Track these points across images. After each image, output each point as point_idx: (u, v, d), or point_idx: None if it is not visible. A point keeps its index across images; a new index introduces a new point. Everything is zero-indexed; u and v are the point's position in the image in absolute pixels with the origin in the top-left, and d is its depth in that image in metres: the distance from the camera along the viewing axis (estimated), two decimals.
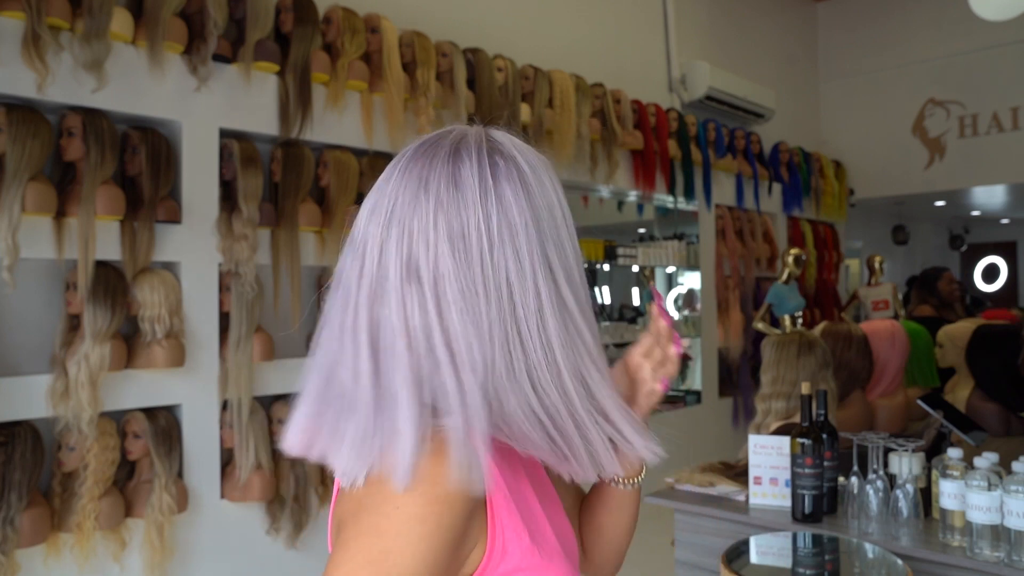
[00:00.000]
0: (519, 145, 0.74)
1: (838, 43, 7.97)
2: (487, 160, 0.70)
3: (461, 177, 0.69)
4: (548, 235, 0.70)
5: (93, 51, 2.55)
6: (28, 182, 2.43)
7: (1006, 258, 11.24)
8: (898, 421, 2.98)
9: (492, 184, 0.68)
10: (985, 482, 1.64)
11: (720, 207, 5.86)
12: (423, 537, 0.63)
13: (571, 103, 4.46)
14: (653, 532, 4.33)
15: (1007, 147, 6.91)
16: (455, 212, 0.67)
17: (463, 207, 0.68)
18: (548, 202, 0.71)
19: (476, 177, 0.69)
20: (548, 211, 0.71)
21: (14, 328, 2.59)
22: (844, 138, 7.80)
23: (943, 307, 5.17)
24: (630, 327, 5.36)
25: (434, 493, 0.64)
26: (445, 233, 0.67)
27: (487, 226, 0.67)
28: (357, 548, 0.63)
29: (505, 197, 0.69)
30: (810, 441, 1.89)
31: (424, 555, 0.63)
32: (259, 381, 3.01)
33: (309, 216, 3.20)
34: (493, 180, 0.69)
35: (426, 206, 0.68)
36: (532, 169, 0.71)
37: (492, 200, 0.68)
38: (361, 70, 3.43)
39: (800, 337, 2.41)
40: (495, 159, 0.70)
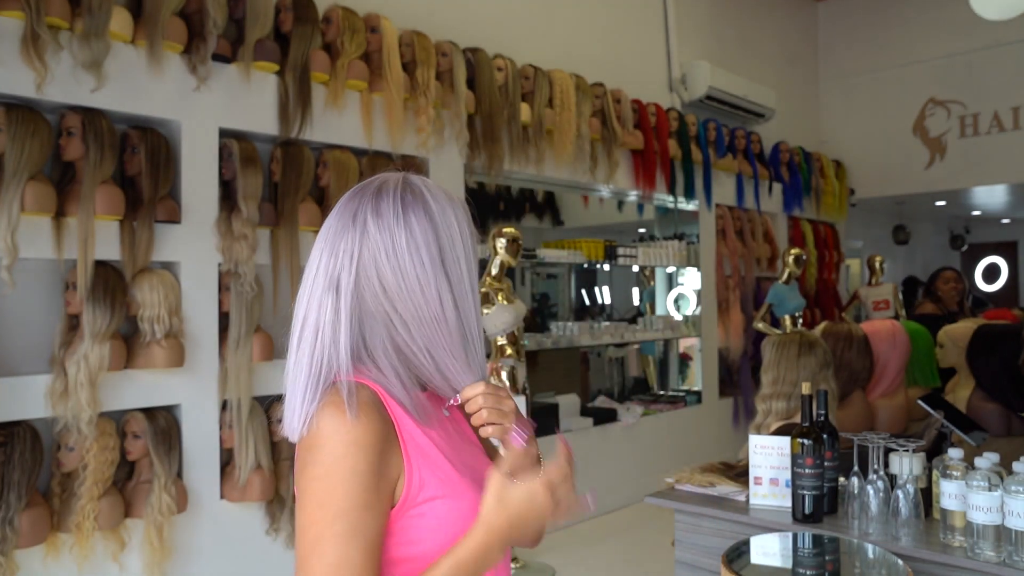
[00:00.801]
0: (430, 185, 0.97)
1: (838, 43, 7.97)
2: (400, 197, 0.94)
3: (380, 209, 0.93)
4: (447, 251, 0.94)
5: (92, 51, 2.55)
6: (27, 182, 2.43)
7: (1007, 258, 11.23)
8: (899, 421, 2.97)
9: (403, 213, 0.92)
10: (986, 482, 1.64)
11: (720, 207, 5.85)
12: (350, 471, 0.84)
13: (571, 103, 4.46)
14: (653, 532, 4.34)
15: (1008, 147, 6.91)
16: (375, 233, 0.92)
17: (382, 229, 0.92)
18: (448, 228, 0.94)
19: (391, 209, 0.93)
20: (448, 234, 0.94)
21: (13, 328, 2.59)
22: (844, 138, 7.80)
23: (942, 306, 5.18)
24: (630, 327, 5.36)
25: (346, 437, 0.85)
26: (366, 250, 0.92)
27: (397, 242, 0.92)
28: (307, 496, 0.84)
29: (412, 223, 0.92)
30: (810, 441, 1.89)
31: (355, 485, 0.84)
32: (259, 381, 3.01)
33: (309, 216, 3.19)
34: (403, 211, 0.93)
35: (352, 233, 0.93)
36: (437, 203, 0.95)
37: (403, 224, 0.92)
38: (361, 70, 3.43)
39: (801, 337, 2.41)
40: (407, 196, 0.94)
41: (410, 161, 3.65)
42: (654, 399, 5.66)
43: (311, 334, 0.92)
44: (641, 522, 4.50)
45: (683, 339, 5.96)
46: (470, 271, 0.96)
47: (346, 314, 0.91)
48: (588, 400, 5.35)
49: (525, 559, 3.81)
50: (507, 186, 4.86)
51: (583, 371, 5.69)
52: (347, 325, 0.92)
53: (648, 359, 6.24)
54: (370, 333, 0.93)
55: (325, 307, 0.92)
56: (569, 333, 4.84)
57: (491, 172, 4.03)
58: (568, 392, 4.94)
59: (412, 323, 0.92)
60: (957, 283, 5.26)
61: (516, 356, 3.62)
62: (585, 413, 4.92)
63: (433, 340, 0.92)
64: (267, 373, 3.05)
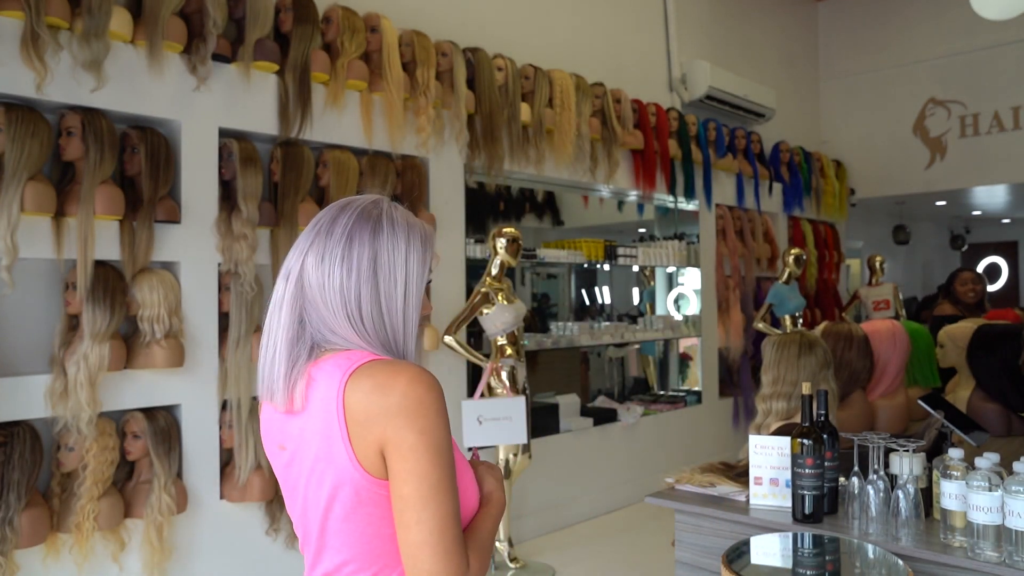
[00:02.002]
0: (404, 212, 1.13)
1: (838, 43, 7.96)
2: (375, 218, 1.09)
3: (352, 229, 1.08)
4: (380, 265, 1.08)
5: (92, 50, 2.55)
6: (27, 182, 2.43)
7: (1007, 258, 11.23)
8: (899, 421, 2.97)
9: (348, 231, 1.07)
10: (986, 482, 1.64)
11: (720, 207, 5.85)
12: (447, 427, 1.01)
13: (571, 102, 4.46)
14: (653, 532, 4.34)
15: (1008, 147, 6.90)
16: (358, 245, 1.06)
17: (358, 243, 1.06)
18: (392, 248, 1.08)
19: (342, 226, 1.08)
20: (388, 252, 1.08)
21: (13, 328, 2.59)
22: (844, 138, 7.80)
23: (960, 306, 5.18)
24: (630, 327, 5.36)
25: (440, 396, 1.01)
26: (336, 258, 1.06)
27: (370, 255, 1.07)
28: (421, 447, 0.98)
29: (353, 239, 1.07)
30: (811, 441, 1.89)
31: (449, 441, 1.01)
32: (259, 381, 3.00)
33: (309, 216, 3.19)
34: (350, 230, 1.07)
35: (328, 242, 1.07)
36: (408, 226, 1.10)
37: (345, 239, 1.07)
38: (361, 70, 3.42)
39: (801, 337, 2.40)
40: (381, 219, 1.09)
41: (410, 161, 3.65)
42: (654, 399, 5.66)
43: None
44: (641, 522, 4.50)
45: (683, 339, 5.96)
46: (407, 283, 1.09)
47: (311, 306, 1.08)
48: (588, 400, 5.35)
49: (525, 559, 3.81)
50: (507, 186, 4.85)
51: (583, 371, 5.68)
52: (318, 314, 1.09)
53: (648, 359, 6.24)
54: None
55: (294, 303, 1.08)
56: (569, 333, 4.84)
57: (491, 172, 4.03)
58: (568, 392, 4.94)
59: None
60: (975, 284, 5.24)
61: (516, 356, 3.62)
62: (585, 413, 4.92)
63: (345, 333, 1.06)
64: None
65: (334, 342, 1.06)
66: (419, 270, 1.10)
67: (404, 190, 3.59)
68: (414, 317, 1.10)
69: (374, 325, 1.06)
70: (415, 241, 1.10)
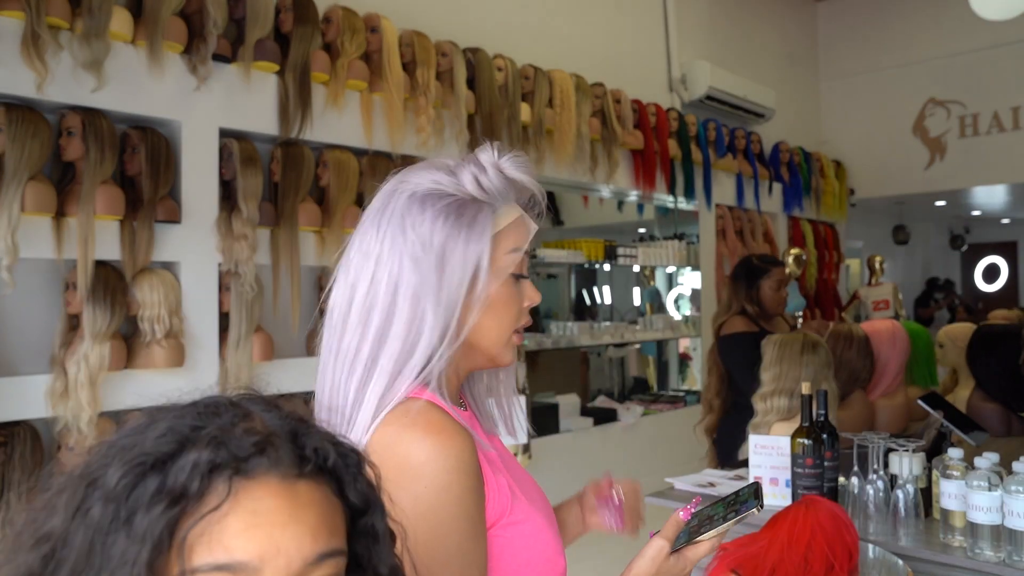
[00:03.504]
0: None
1: (838, 43, 7.96)
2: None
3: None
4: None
5: (92, 51, 2.55)
6: (27, 182, 2.43)
7: (1007, 258, 11.23)
8: (899, 421, 2.97)
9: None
10: (986, 482, 1.64)
11: (720, 207, 5.85)
12: (457, 500, 0.77)
13: (571, 103, 4.46)
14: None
15: (1008, 147, 6.90)
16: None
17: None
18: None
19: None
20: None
21: (13, 328, 2.59)
22: (844, 138, 7.80)
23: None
24: (630, 327, 5.36)
25: (448, 463, 0.78)
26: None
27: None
28: (414, 533, 0.72)
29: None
30: (810, 441, 1.89)
31: (464, 516, 0.77)
32: (259, 381, 3.00)
33: (309, 216, 3.19)
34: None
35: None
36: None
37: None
38: (361, 70, 3.42)
39: (804, 337, 2.41)
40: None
41: (410, 161, 3.65)
42: (654, 399, 5.66)
43: (388, 337, 0.86)
44: None
45: (683, 339, 5.96)
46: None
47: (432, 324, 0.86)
48: (588, 400, 5.35)
49: None
50: None
51: (583, 371, 5.69)
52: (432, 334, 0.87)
53: (648, 359, 6.24)
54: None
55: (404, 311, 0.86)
56: (569, 333, 4.84)
57: None
58: (568, 392, 4.94)
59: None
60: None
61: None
62: (585, 413, 4.92)
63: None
64: (267, 373, 3.04)
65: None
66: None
67: None
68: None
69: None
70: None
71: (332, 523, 0.55)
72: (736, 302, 3.16)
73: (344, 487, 0.58)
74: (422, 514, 0.75)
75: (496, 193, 0.89)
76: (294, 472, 0.54)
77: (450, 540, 0.76)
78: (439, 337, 0.85)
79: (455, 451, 0.78)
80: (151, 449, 0.52)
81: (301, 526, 0.52)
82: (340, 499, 0.58)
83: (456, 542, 0.77)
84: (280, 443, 0.55)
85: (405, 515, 0.71)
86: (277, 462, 0.53)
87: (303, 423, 0.58)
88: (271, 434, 0.55)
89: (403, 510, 0.72)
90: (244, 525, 0.51)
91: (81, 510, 0.51)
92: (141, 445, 0.53)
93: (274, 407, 0.59)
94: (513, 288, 0.92)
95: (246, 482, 0.52)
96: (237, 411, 0.56)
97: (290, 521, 0.52)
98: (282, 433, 0.56)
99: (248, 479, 0.52)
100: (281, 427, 0.56)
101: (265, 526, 0.51)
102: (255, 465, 0.52)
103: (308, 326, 3.35)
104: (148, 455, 0.52)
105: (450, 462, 0.78)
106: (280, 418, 0.58)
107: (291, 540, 0.52)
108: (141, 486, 0.50)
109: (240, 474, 0.52)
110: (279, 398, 0.64)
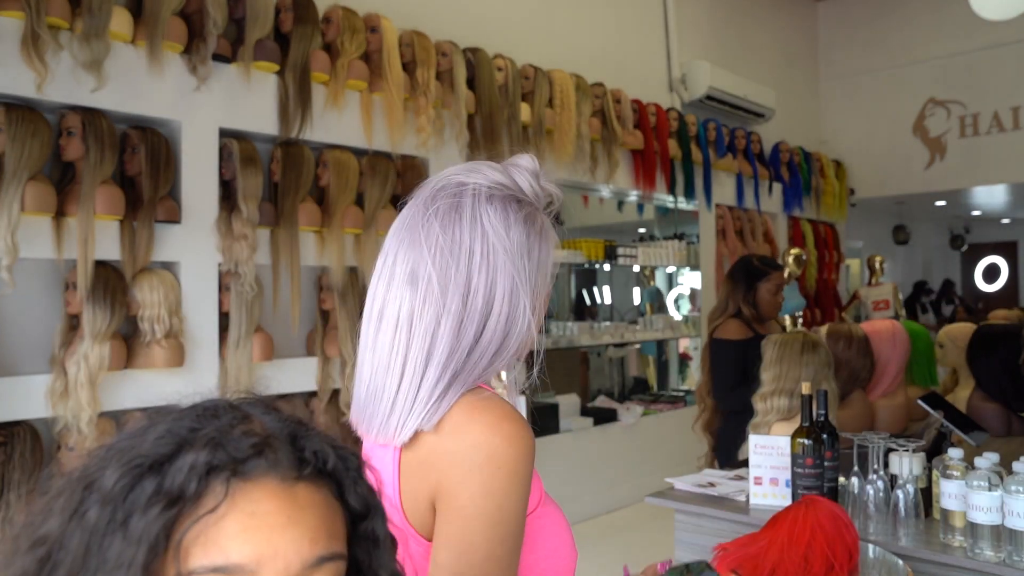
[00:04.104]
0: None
1: (838, 43, 7.96)
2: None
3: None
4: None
5: (92, 51, 2.55)
6: (27, 182, 2.43)
7: (1007, 258, 11.23)
8: (899, 421, 2.97)
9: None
10: (986, 482, 1.64)
11: (720, 207, 5.85)
12: (522, 487, 0.83)
13: (571, 103, 4.46)
14: (653, 532, 4.33)
15: (1008, 147, 6.90)
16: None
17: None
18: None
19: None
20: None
21: (13, 328, 2.59)
22: (844, 138, 7.80)
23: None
24: (630, 327, 5.36)
25: (521, 452, 0.83)
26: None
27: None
28: (477, 513, 0.80)
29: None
30: (810, 441, 1.89)
31: (522, 502, 0.83)
32: (259, 381, 3.01)
33: (309, 216, 3.19)
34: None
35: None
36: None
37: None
38: (361, 70, 3.42)
39: (804, 336, 2.41)
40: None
41: (410, 161, 3.65)
42: (654, 399, 5.66)
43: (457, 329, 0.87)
44: (641, 522, 4.49)
45: (683, 339, 5.96)
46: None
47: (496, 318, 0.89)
48: (588, 400, 5.35)
49: None
50: None
51: (583, 371, 5.69)
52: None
53: (648, 359, 6.24)
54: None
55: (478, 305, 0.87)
56: (569, 333, 4.84)
57: None
58: (568, 392, 4.94)
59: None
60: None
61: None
62: (585, 413, 4.92)
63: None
64: (267, 373, 3.04)
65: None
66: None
67: (404, 190, 3.59)
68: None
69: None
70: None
71: (331, 526, 0.55)
72: (732, 302, 3.13)
73: (344, 491, 0.57)
74: (493, 494, 0.81)
75: (541, 200, 0.95)
76: (293, 474, 0.53)
77: (512, 521, 0.82)
78: (535, 326, 0.90)
79: (526, 440, 0.84)
80: (148, 451, 0.52)
81: (299, 529, 0.52)
82: (340, 503, 0.57)
83: (515, 526, 0.82)
84: (279, 445, 0.54)
85: (474, 495, 0.80)
86: (275, 464, 0.53)
87: (302, 426, 0.58)
88: (270, 436, 0.54)
89: (472, 489, 0.80)
90: (241, 527, 0.50)
91: (78, 512, 0.51)
92: (139, 447, 0.52)
93: (273, 410, 0.58)
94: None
95: (244, 484, 0.51)
96: (236, 413, 0.56)
97: (288, 524, 0.52)
98: (281, 435, 0.55)
99: (246, 481, 0.52)
100: (280, 429, 0.56)
101: (263, 528, 0.51)
102: (253, 467, 0.52)
103: (308, 326, 3.35)
104: (145, 457, 0.51)
105: (521, 450, 0.83)
106: (279, 420, 0.57)
107: (289, 543, 0.51)
108: (138, 488, 0.50)
109: (238, 476, 0.51)
110: (279, 398, 0.64)
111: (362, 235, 3.38)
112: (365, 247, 3.36)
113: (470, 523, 0.80)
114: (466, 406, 0.85)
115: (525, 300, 0.88)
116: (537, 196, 0.93)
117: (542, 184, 0.95)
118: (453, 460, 0.82)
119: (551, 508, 0.94)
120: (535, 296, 0.90)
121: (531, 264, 0.90)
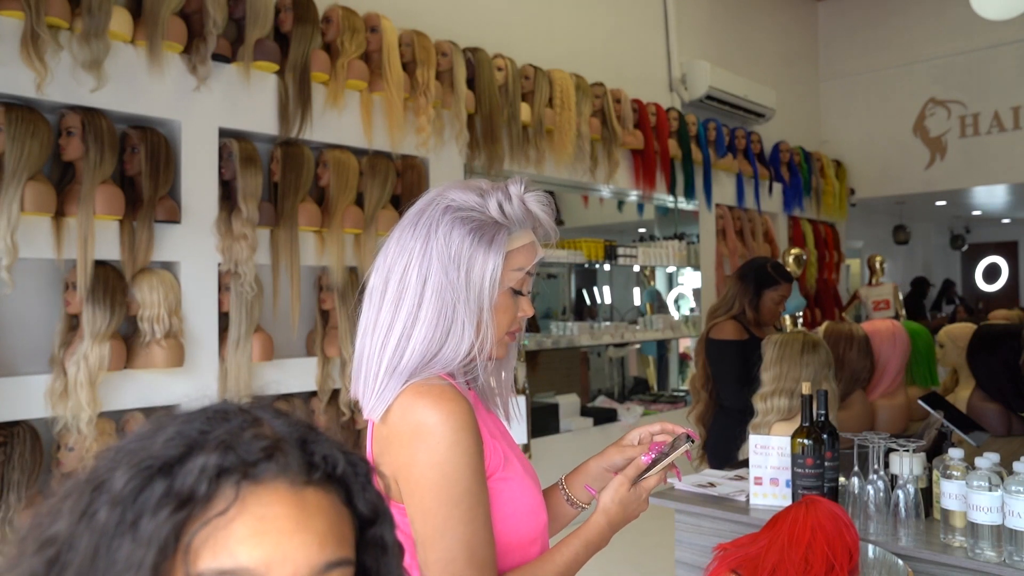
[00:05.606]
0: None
1: (838, 43, 7.96)
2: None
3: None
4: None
5: (92, 50, 2.55)
6: (27, 181, 2.43)
7: (1007, 258, 11.23)
8: (899, 421, 2.97)
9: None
10: (986, 482, 1.64)
11: (720, 207, 5.85)
12: (464, 453, 0.94)
13: (571, 102, 4.46)
14: (653, 532, 4.33)
15: (1008, 146, 6.90)
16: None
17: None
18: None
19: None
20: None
21: (13, 328, 2.59)
22: (844, 138, 7.80)
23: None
24: (630, 327, 5.36)
25: (455, 422, 0.94)
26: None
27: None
28: (425, 482, 0.93)
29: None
30: (811, 441, 1.89)
31: (470, 465, 0.95)
32: (259, 381, 3.01)
33: (308, 216, 3.19)
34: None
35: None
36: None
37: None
38: (361, 69, 3.42)
39: (804, 336, 2.40)
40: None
41: (410, 161, 3.65)
42: (654, 399, 5.66)
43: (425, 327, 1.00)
44: (641, 522, 4.47)
45: (683, 339, 5.96)
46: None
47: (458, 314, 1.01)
48: (588, 400, 5.35)
49: None
50: None
51: (583, 371, 5.68)
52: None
53: (648, 359, 6.24)
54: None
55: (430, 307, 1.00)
56: (569, 333, 4.84)
57: (491, 172, 4.03)
58: (568, 392, 4.94)
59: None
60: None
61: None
62: (585, 413, 4.92)
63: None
64: (267, 373, 3.04)
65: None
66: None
67: (404, 190, 3.59)
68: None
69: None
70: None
71: (340, 532, 0.55)
72: (738, 302, 3.16)
73: (353, 496, 0.57)
74: (438, 463, 0.93)
75: (515, 220, 1.04)
76: (302, 479, 0.54)
77: (461, 484, 0.93)
78: (474, 332, 1.00)
79: (459, 414, 0.95)
80: (159, 453, 0.52)
81: (309, 534, 0.52)
82: (349, 508, 0.57)
83: (466, 486, 0.94)
84: (289, 449, 0.54)
85: (421, 466, 0.93)
86: (286, 468, 0.53)
87: (312, 431, 0.58)
88: (280, 440, 0.54)
89: (420, 463, 0.94)
90: (251, 531, 0.50)
91: (87, 514, 0.51)
92: (149, 449, 0.52)
93: (283, 414, 0.59)
94: (511, 300, 1.06)
95: (254, 487, 0.51)
96: (246, 417, 0.56)
97: (298, 528, 0.52)
98: (291, 439, 0.55)
99: (256, 484, 0.52)
100: (290, 434, 0.56)
101: (272, 532, 0.51)
102: (263, 470, 0.52)
103: (308, 326, 3.35)
104: (155, 459, 0.51)
105: (459, 422, 0.94)
106: (289, 425, 0.57)
107: (298, 548, 0.51)
108: (148, 489, 0.50)
109: (248, 479, 0.51)
110: (279, 398, 0.64)
111: (362, 235, 3.38)
112: (365, 247, 3.36)
113: (423, 493, 0.93)
114: (410, 392, 0.97)
115: (460, 308, 0.99)
116: (507, 216, 1.02)
117: (528, 207, 1.04)
118: (401, 440, 0.95)
119: (515, 476, 1.04)
120: (477, 306, 1.00)
121: (471, 275, 0.99)
